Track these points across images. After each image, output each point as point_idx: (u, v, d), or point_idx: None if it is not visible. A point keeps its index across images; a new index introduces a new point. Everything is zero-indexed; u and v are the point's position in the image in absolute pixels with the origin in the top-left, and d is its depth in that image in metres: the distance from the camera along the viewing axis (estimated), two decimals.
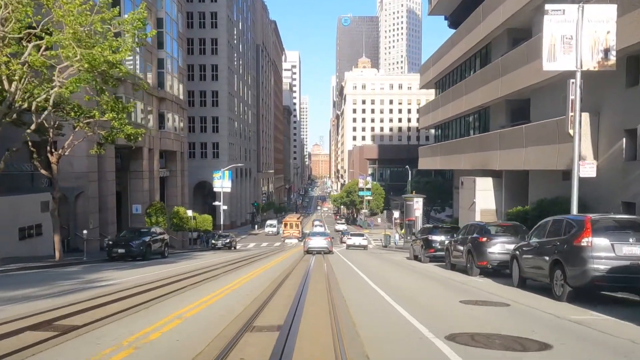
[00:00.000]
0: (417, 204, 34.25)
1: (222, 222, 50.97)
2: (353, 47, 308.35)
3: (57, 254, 20.54)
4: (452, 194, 60.49)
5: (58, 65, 16.33)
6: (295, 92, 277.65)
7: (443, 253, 19.24)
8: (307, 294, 10.34)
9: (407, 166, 57.76)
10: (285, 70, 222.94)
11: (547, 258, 9.49)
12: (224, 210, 51.12)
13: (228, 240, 43.07)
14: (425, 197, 50.23)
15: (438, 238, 20.57)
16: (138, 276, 14.69)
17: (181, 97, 49.04)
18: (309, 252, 30.21)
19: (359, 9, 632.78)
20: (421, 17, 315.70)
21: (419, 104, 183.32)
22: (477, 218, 29.32)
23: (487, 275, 14.48)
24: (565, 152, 19.86)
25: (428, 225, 24.16)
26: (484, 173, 30.50)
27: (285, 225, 59.07)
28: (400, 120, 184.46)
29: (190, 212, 41.31)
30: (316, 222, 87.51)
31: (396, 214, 43.90)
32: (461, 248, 15.50)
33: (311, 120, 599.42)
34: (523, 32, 27.62)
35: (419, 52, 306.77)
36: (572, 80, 13.29)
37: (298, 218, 62.07)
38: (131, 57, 35.13)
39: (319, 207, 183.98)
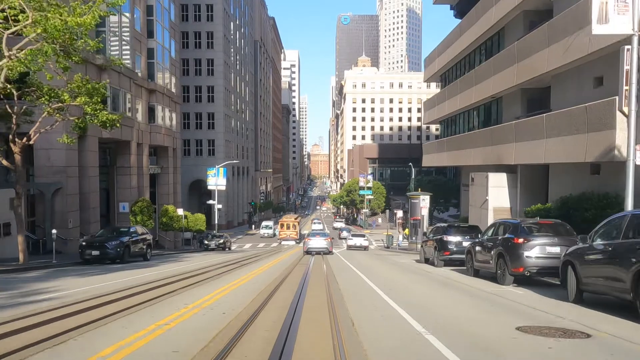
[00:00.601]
0: (424, 202, 31.87)
1: (216, 222, 48.59)
2: (353, 46, 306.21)
3: (20, 257, 18.15)
4: (457, 193, 58.20)
5: (6, 31, 13.89)
6: (294, 91, 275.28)
7: (460, 256, 16.83)
8: (301, 314, 7.93)
9: (410, 163, 55.42)
10: (284, 69, 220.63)
11: (631, 267, 7.05)
12: (218, 209, 48.74)
13: (222, 241, 40.67)
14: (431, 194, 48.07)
15: (454, 239, 18.13)
16: (99, 285, 12.27)
17: (173, 90, 46.65)
18: (308, 252, 29.26)
19: (358, 7, 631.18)
20: (421, 16, 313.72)
21: (419, 103, 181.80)
22: (490, 217, 26.98)
23: (520, 284, 12.09)
24: (597, 141, 17.49)
25: (442, 225, 21.65)
26: (497, 168, 28.15)
27: (282, 226, 55.36)
28: (400, 119, 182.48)
29: (180, 211, 38.90)
30: (315, 221, 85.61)
31: (399, 213, 41.53)
32: (488, 251, 13.06)
33: (310, 121, 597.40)
34: (541, 14, 25.26)
35: (419, 51, 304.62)
36: (627, 47, 10.92)
37: (295, 218, 58.08)
38: (116, 43, 32.77)
39: (318, 207, 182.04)
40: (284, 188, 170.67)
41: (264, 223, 66.39)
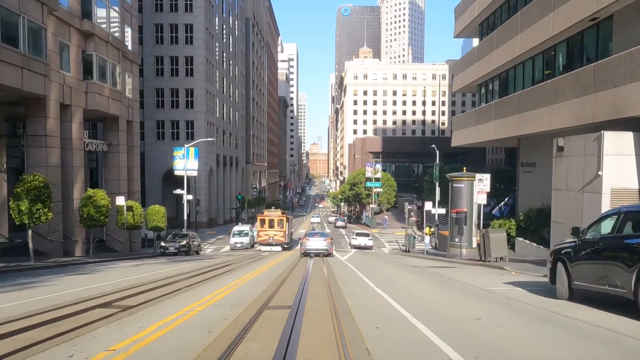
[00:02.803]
0: (481, 185, 20.64)
1: (185, 218, 37.51)
2: (353, 38, 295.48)
3: None
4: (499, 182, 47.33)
5: None
6: (292, 86, 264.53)
7: None
8: None
9: (433, 145, 44.30)
10: (281, 61, 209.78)
11: None
12: (189, 200, 37.71)
13: (184, 243, 29.68)
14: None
15: None
16: None
17: (129, 44, 35.61)
18: (306, 254, 26.07)
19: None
20: (424, 10, 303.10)
21: (424, 96, 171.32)
22: (605, 204, 16.06)
23: None
24: None
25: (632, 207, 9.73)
26: (601, 129, 17.19)
27: (262, 223, 36.53)
28: (404, 112, 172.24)
29: (121, 200, 27.84)
30: (314, 218, 78.89)
31: (428, 205, 30.43)
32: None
33: (309, 122, 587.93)
34: None
35: (421, 45, 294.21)
36: None
37: (282, 213, 38.89)
38: None
39: (317, 205, 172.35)
40: (281, 185, 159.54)
41: (236, 228, 41.36)
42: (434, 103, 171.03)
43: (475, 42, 37.57)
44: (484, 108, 31.16)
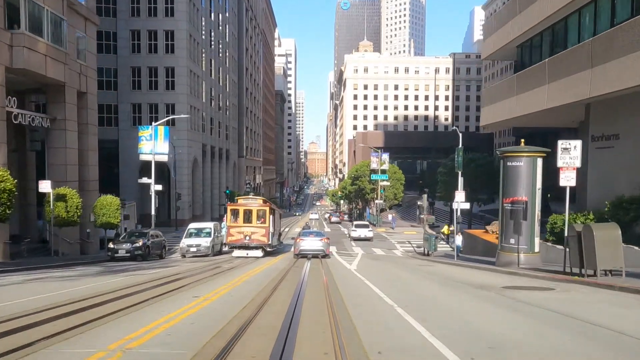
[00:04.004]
0: (568, 159, 13.28)
1: (153, 213, 30.36)
2: (353, 33, 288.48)
3: None
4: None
5: None
6: (290, 82, 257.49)
7: None
8: None
9: (455, 127, 37.29)
10: (279, 55, 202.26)
11: None
12: (158, 192, 30.61)
13: (139, 244, 22.50)
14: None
15: None
16: None
17: None
18: (303, 255, 23.69)
19: None
20: (425, 5, 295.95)
21: (427, 90, 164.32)
22: None
23: None
24: None
25: None
26: None
27: (235, 215, 25.72)
28: (406, 107, 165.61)
29: (46, 186, 20.79)
30: (312, 215, 77.02)
31: (460, 196, 23.26)
32: None
33: (308, 122, 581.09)
34: None
35: (422, 41, 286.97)
36: None
37: (265, 202, 26.95)
38: None
39: (315, 203, 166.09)
40: (277, 182, 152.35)
41: (192, 226, 29.84)
42: (437, 97, 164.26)
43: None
44: (531, 70, 24.09)
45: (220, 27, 68.51)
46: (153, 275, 15.14)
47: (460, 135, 33.26)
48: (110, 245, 22.97)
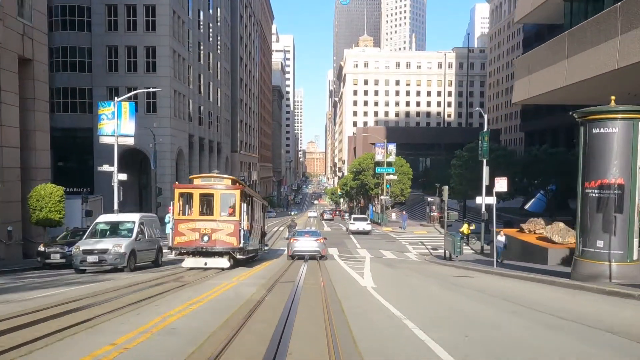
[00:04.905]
0: None
1: (116, 207, 24.90)
2: (352, 29, 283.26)
3: None
4: (555, 167, 35.12)
5: None
6: (288, 79, 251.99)
7: None
8: None
9: (478, 108, 31.91)
10: (277, 51, 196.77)
11: None
12: (120, 182, 25.17)
13: (72, 250, 16.88)
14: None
15: None
16: None
17: None
18: (296, 256, 22.31)
19: None
20: (425, 1, 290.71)
21: (429, 85, 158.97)
22: None
23: None
24: None
25: None
26: None
27: (187, 201, 17.28)
28: (407, 103, 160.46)
29: None
30: (311, 213, 75.36)
31: (501, 184, 18.12)
32: None
33: (306, 121, 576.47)
34: None
35: (423, 38, 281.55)
36: None
37: (234, 184, 17.58)
38: None
39: (314, 202, 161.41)
40: (274, 180, 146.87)
41: (101, 218, 19.43)
42: (439, 93, 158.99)
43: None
44: (590, 23, 18.69)
45: (211, 11, 63.06)
46: (101, 286, 9.69)
47: (486, 117, 27.88)
48: (41, 248, 17.57)
